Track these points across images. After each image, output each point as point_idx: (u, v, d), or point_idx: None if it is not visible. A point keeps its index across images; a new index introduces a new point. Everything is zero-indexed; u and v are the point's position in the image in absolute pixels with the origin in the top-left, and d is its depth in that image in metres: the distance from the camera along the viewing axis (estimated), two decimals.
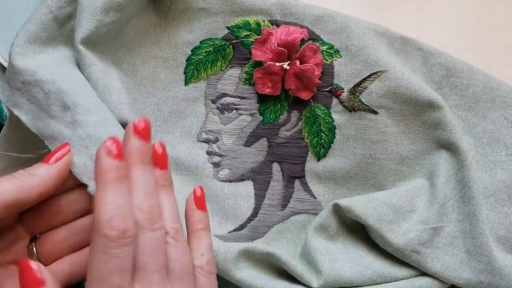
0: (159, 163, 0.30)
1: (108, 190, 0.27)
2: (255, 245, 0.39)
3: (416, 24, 0.46)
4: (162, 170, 0.30)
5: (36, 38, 0.37)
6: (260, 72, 0.41)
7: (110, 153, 0.27)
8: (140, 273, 0.27)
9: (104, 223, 0.26)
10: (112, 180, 0.27)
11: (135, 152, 0.29)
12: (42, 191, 0.29)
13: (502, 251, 0.39)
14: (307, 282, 0.38)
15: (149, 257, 0.27)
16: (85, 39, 0.36)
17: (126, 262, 0.26)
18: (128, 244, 0.26)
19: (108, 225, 0.26)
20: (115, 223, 0.26)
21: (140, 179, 0.28)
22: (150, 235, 0.28)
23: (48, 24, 0.37)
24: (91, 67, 0.36)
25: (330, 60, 0.41)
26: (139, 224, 0.27)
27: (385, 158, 0.42)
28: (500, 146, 0.41)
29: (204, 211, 0.33)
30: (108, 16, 0.36)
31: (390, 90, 0.41)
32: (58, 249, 0.32)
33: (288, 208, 0.42)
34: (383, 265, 0.40)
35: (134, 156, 0.29)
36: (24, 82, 0.34)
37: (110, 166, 0.27)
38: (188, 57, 0.42)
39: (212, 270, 0.32)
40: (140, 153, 0.29)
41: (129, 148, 0.29)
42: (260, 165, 0.42)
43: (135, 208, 0.28)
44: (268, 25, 0.41)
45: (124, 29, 0.40)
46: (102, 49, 0.38)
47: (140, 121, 0.29)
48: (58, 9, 0.37)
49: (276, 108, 0.42)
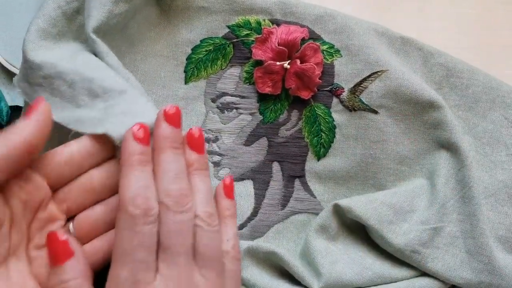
0: (195, 147, 0.31)
1: (132, 171, 0.28)
2: (258, 244, 0.39)
3: (416, 24, 0.46)
4: (199, 154, 0.31)
5: (47, 34, 0.36)
6: (260, 71, 0.41)
7: (136, 137, 0.29)
8: (165, 254, 0.28)
9: (128, 201, 0.27)
10: (136, 163, 0.28)
11: (165, 137, 0.30)
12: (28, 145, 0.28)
13: (503, 251, 0.39)
14: (307, 283, 0.38)
15: (175, 239, 0.28)
16: (96, 29, 0.35)
17: (149, 238, 0.27)
18: (151, 222, 0.27)
19: (132, 203, 0.27)
20: (139, 202, 0.27)
21: (169, 163, 0.29)
22: (176, 217, 0.28)
23: (57, 19, 0.36)
24: (108, 55, 0.36)
25: (330, 60, 0.41)
26: (165, 206, 0.28)
27: (385, 158, 0.42)
28: (500, 146, 0.41)
29: (232, 200, 0.33)
30: (118, 7, 0.36)
31: (390, 89, 0.41)
32: (95, 227, 0.32)
33: (288, 208, 0.42)
34: (383, 266, 0.39)
35: (164, 141, 0.30)
36: (45, 76, 0.33)
37: (135, 150, 0.29)
38: (188, 56, 0.42)
39: (237, 256, 0.32)
40: (170, 139, 0.30)
41: (159, 134, 0.30)
42: (260, 164, 0.42)
43: (162, 191, 0.29)
44: (269, 24, 0.41)
45: (130, 23, 0.39)
46: (109, 41, 0.37)
47: (170, 107, 0.30)
48: (66, 4, 0.37)
49: (276, 108, 0.42)
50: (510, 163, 0.41)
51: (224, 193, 0.33)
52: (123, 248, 0.27)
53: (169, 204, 0.28)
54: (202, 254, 0.29)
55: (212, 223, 0.30)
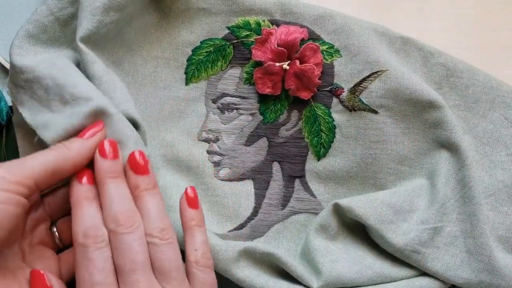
0: (139, 170, 0.33)
1: (80, 208, 0.31)
2: (255, 245, 0.39)
3: (416, 24, 0.46)
4: (144, 176, 0.33)
5: (37, 40, 0.37)
6: (260, 72, 0.41)
7: (80, 178, 0.32)
8: (122, 275, 0.30)
9: (80, 234, 0.30)
10: (83, 200, 0.31)
11: (104, 170, 0.32)
12: (76, 163, 0.32)
13: (503, 251, 0.39)
14: (307, 283, 0.38)
15: (127, 257, 0.30)
16: (85, 38, 0.36)
17: (103, 262, 0.30)
18: (102, 247, 0.30)
19: (83, 235, 0.30)
20: (90, 232, 0.30)
21: (110, 191, 0.32)
22: (125, 238, 0.30)
23: (49, 25, 0.37)
24: (94, 64, 0.36)
25: (330, 60, 0.42)
26: (113, 231, 0.31)
27: (385, 157, 0.42)
28: (500, 146, 0.41)
29: (197, 209, 0.35)
30: (109, 16, 0.37)
31: (390, 89, 0.41)
32: None
33: (288, 208, 0.42)
34: (383, 265, 0.40)
35: (103, 174, 0.32)
36: (26, 79, 0.35)
37: (81, 190, 0.32)
38: (188, 57, 0.42)
39: (208, 263, 0.33)
40: (108, 171, 0.32)
41: (97, 169, 0.32)
42: (260, 164, 0.42)
43: (108, 218, 0.31)
44: (268, 25, 0.42)
45: (125, 29, 0.40)
46: (102, 48, 0.38)
47: (105, 143, 0.33)
48: (59, 10, 0.37)
49: (276, 108, 0.42)
50: (510, 163, 0.41)
51: (187, 204, 0.34)
52: (82, 277, 0.30)
53: (116, 228, 0.31)
54: (159, 268, 0.31)
55: (164, 237, 0.32)
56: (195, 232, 0.34)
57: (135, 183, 0.33)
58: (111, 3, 0.36)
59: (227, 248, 0.37)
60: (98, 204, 0.32)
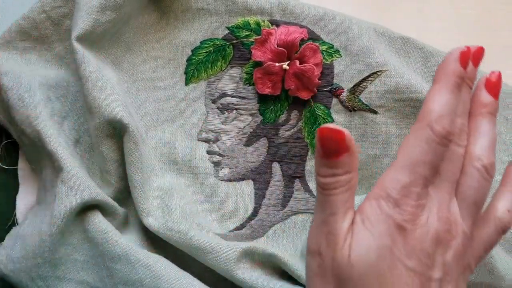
0: (492, 91, 0.31)
1: (447, 90, 0.28)
2: (257, 245, 0.39)
3: (416, 24, 0.46)
4: (495, 100, 0.31)
5: (27, 36, 0.38)
6: (260, 72, 0.41)
7: (462, 60, 0.28)
8: (437, 177, 0.28)
9: (436, 117, 0.27)
10: (453, 84, 0.28)
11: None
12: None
13: (502, 251, 0.39)
14: None
15: (451, 166, 0.28)
16: (80, 37, 0.36)
17: (437, 160, 0.27)
18: (445, 145, 0.27)
19: (438, 120, 0.27)
20: (445, 122, 0.27)
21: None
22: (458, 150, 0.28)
23: (40, 23, 0.38)
24: (86, 64, 0.37)
25: (330, 60, 0.42)
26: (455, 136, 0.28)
27: (385, 158, 0.42)
28: (500, 146, 0.41)
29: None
30: (105, 15, 0.37)
31: (390, 89, 0.41)
32: None
33: (288, 208, 0.42)
34: None
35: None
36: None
37: (457, 72, 0.28)
38: (188, 58, 0.42)
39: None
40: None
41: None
42: (260, 164, 0.42)
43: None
44: (268, 25, 0.42)
45: (124, 28, 0.40)
46: (98, 48, 0.38)
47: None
48: (52, 9, 0.38)
49: (276, 108, 0.42)
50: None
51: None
52: (413, 157, 0.27)
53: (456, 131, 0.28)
54: (463, 193, 0.29)
55: (490, 175, 0.29)
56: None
57: (485, 101, 0.30)
58: (108, 2, 0.36)
59: (228, 249, 0.37)
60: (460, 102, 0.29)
